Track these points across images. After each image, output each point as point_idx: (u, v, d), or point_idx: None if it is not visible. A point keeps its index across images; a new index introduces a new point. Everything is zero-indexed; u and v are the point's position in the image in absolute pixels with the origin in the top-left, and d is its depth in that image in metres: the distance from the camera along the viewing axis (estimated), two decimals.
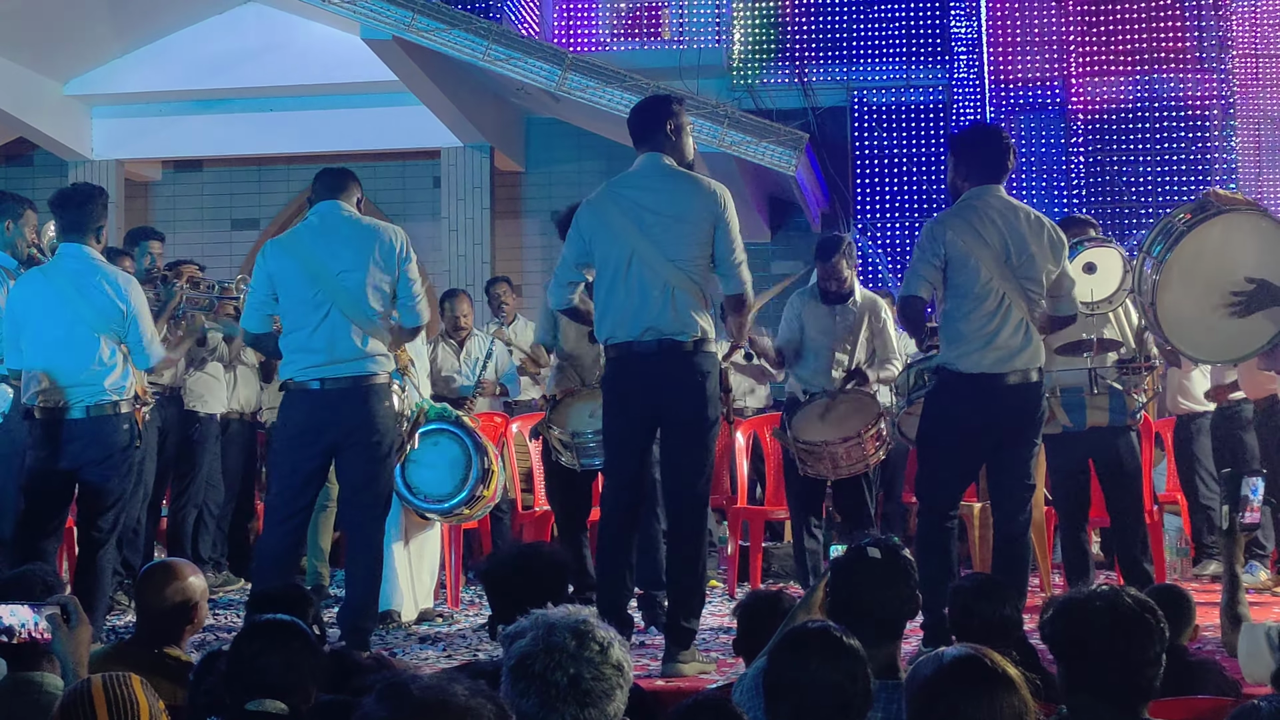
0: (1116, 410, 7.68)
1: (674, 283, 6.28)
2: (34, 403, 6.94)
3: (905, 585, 4.27)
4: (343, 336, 6.46)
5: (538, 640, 3.05)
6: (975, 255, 6.41)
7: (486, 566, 5.01)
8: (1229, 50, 14.65)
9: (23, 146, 15.08)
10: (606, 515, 6.60)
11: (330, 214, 6.61)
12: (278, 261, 6.61)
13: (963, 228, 6.48)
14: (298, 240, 6.62)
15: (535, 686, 3.00)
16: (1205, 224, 6.67)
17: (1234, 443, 9.36)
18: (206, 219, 15.24)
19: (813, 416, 8.13)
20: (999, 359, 6.44)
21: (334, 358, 6.47)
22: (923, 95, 14.78)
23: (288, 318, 6.61)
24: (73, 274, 6.96)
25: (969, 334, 6.45)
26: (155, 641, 4.78)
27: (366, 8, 12.30)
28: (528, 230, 14.97)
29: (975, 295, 6.43)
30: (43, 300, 6.95)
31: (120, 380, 6.97)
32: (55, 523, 7.09)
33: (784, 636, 3.71)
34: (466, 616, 8.32)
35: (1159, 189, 14.54)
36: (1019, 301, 6.44)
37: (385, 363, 6.57)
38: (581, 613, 3.15)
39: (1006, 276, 6.42)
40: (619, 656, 3.07)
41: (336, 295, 6.46)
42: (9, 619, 3.85)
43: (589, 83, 12.55)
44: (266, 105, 14.05)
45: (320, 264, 6.49)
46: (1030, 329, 6.49)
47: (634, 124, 6.62)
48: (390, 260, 6.55)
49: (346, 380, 6.48)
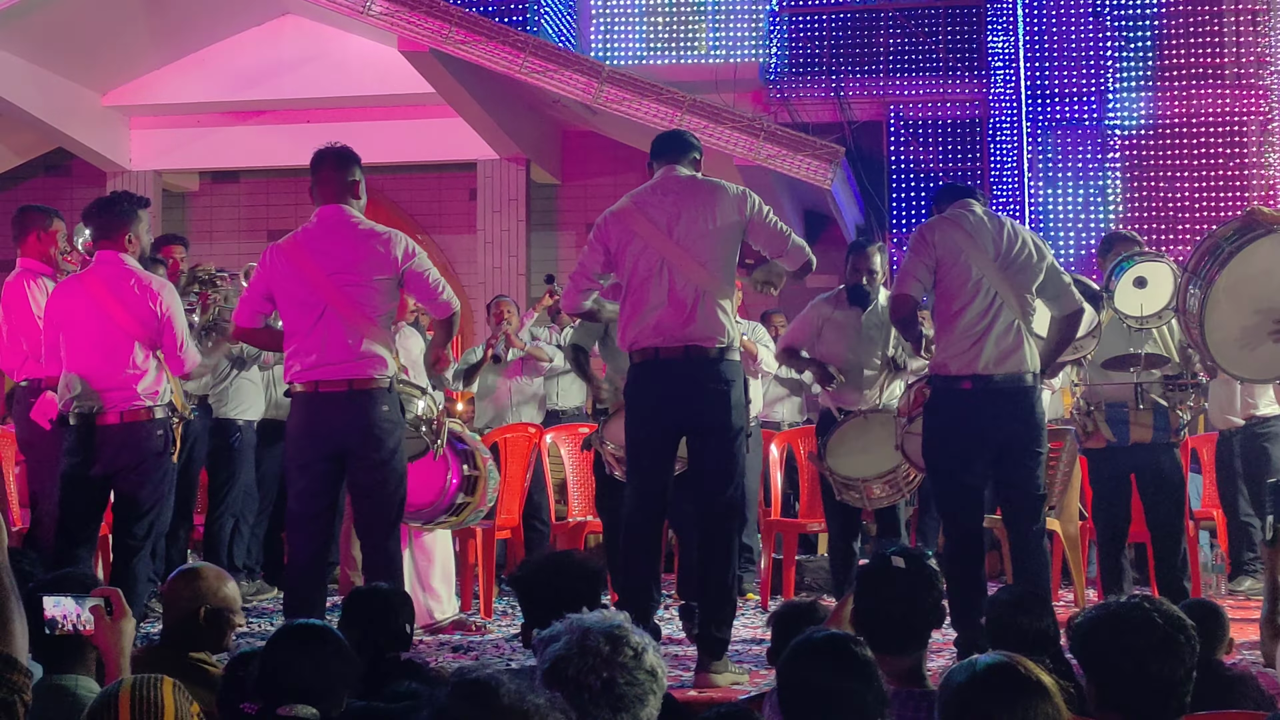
0: (1161, 427, 7.63)
1: (705, 287, 6.30)
2: (69, 409, 6.96)
3: (930, 594, 4.26)
4: (336, 339, 6.40)
5: (572, 644, 3.04)
6: (965, 253, 6.50)
7: (519, 574, 5.01)
8: (1267, 66, 14.59)
9: (61, 157, 15.19)
10: (631, 524, 6.56)
11: (330, 217, 6.60)
12: (275, 265, 6.62)
13: (951, 228, 6.60)
14: (295, 244, 6.62)
15: (568, 690, 2.99)
16: (1253, 244, 6.63)
17: (1260, 455, 9.37)
18: (243, 230, 15.30)
19: (848, 442, 8.05)
20: (990, 359, 6.45)
21: (326, 360, 6.43)
22: (959, 109, 14.76)
23: (286, 321, 6.59)
24: (108, 279, 6.97)
25: (960, 332, 6.49)
26: (182, 646, 4.77)
27: (404, 20, 12.34)
28: (563, 243, 14.98)
29: (967, 292, 6.49)
30: (79, 306, 6.97)
31: (154, 386, 6.98)
32: (90, 529, 7.10)
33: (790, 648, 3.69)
34: (499, 626, 8.31)
35: (1196, 205, 14.49)
36: (1011, 302, 6.48)
37: (383, 366, 6.49)
38: (616, 618, 3.14)
39: (997, 274, 6.49)
40: (652, 662, 3.06)
41: (330, 297, 6.43)
42: (53, 610, 3.86)
43: (625, 95, 12.57)
44: (303, 117, 14.11)
45: (314, 266, 6.48)
46: (1023, 331, 6.50)
47: (654, 148, 6.76)
48: (387, 263, 6.50)
49: (341, 383, 6.41)
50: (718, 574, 6.39)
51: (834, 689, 3.46)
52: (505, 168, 14.21)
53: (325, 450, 6.46)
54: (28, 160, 15.44)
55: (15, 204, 15.04)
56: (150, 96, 14.27)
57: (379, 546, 6.55)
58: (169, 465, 7.15)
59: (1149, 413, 7.60)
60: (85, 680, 4.04)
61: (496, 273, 14.12)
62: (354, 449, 6.45)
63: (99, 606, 3.92)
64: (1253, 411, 9.49)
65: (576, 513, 9.45)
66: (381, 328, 6.48)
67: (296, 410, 6.56)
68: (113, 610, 3.94)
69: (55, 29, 12.86)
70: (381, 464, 6.48)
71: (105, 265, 7.02)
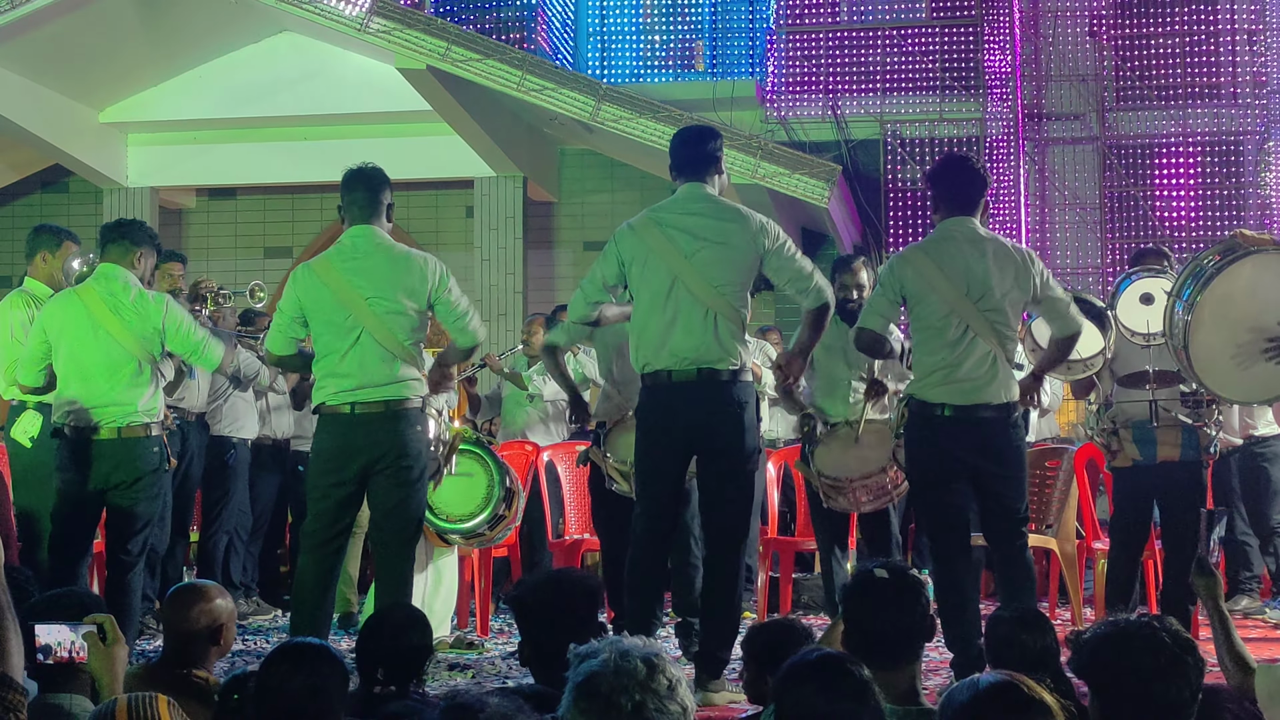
0: (1189, 445, 7.59)
1: (716, 309, 6.30)
2: (64, 422, 6.95)
3: (916, 605, 4.25)
4: (373, 361, 6.43)
5: (609, 663, 3.03)
6: (934, 289, 6.44)
7: (517, 592, 4.99)
8: (1263, 85, 14.62)
9: (58, 173, 15.20)
10: (638, 544, 6.57)
11: (363, 239, 6.59)
12: (308, 286, 6.59)
13: (922, 262, 6.51)
14: (329, 265, 6.60)
15: (598, 706, 2.98)
16: (1234, 265, 6.63)
17: (1258, 475, 9.37)
18: (240, 246, 15.31)
19: (835, 448, 8.05)
20: (964, 391, 6.42)
21: (364, 382, 6.44)
22: (956, 128, 14.78)
23: (319, 343, 6.58)
24: (106, 294, 6.97)
25: (932, 365, 6.48)
26: (182, 663, 4.76)
27: (401, 37, 12.36)
28: (560, 260, 14.99)
29: (936, 328, 6.45)
30: (76, 320, 6.96)
31: (151, 402, 6.98)
32: (84, 544, 7.09)
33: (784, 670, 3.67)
34: (496, 644, 8.29)
35: (1193, 224, 14.50)
36: (985, 334, 6.42)
37: (417, 387, 6.53)
38: (656, 646, 3.14)
39: (969, 309, 6.42)
40: (684, 697, 3.05)
41: (367, 320, 6.44)
42: (46, 638, 3.85)
43: (623, 114, 12.58)
44: (300, 134, 14.10)
45: (351, 289, 6.47)
46: (999, 361, 6.45)
47: (677, 152, 6.66)
48: (421, 288, 6.51)
49: (378, 404, 6.44)
50: (723, 594, 6.39)
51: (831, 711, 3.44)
52: (502, 185, 14.21)
53: (354, 470, 6.47)
54: (25, 176, 15.45)
55: (12, 221, 15.18)
56: (147, 113, 14.27)
57: (395, 566, 6.55)
58: (164, 481, 7.14)
59: (1177, 430, 7.55)
60: (79, 699, 4.02)
61: (493, 290, 14.11)
62: (385, 468, 6.46)
63: (93, 633, 3.90)
64: (1251, 431, 9.49)
65: (573, 530, 9.44)
66: (414, 350, 6.51)
67: (329, 430, 6.54)
68: (106, 636, 3.93)
69: (53, 46, 12.87)
70: (410, 483, 6.50)
71: (106, 279, 7.02)
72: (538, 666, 4.58)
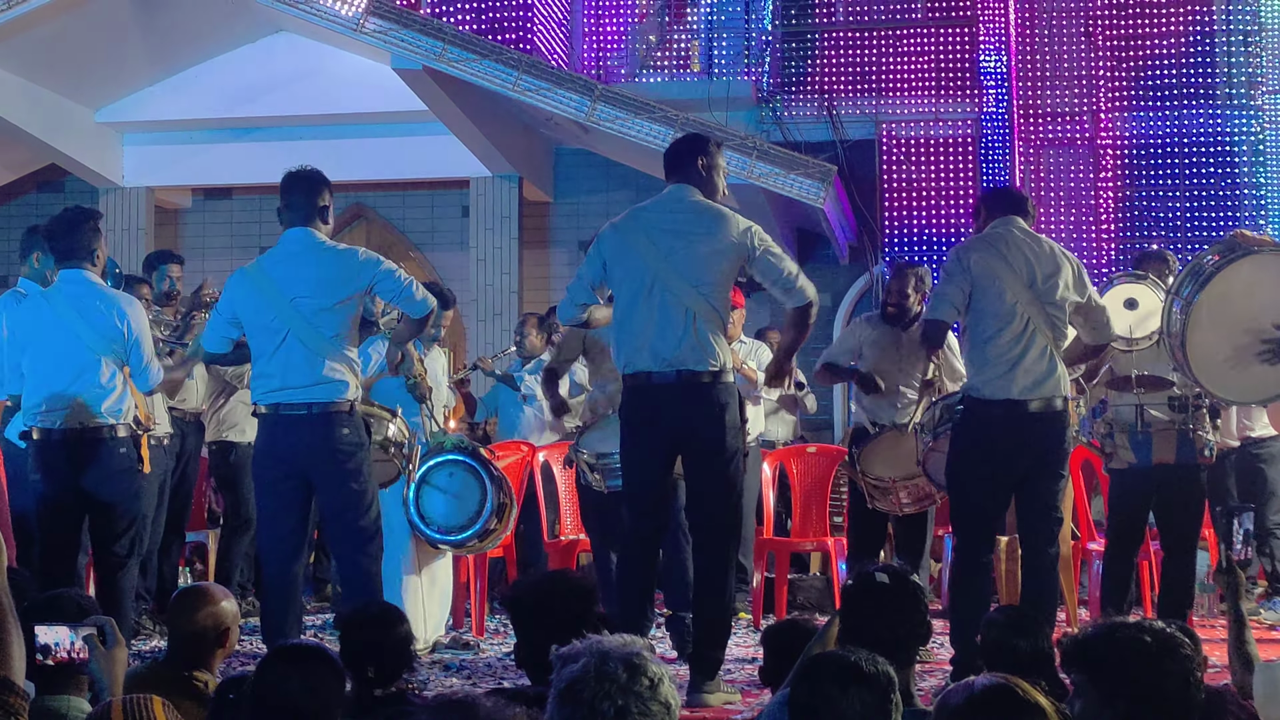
0: (1185, 448, 7.60)
1: (695, 309, 6.30)
2: (33, 424, 6.98)
3: (915, 610, 4.28)
4: (297, 362, 6.46)
5: (589, 667, 3.03)
6: (1000, 278, 6.49)
7: (512, 594, 5.01)
8: (1259, 86, 14.62)
9: (54, 173, 15.18)
10: (627, 544, 6.60)
11: (295, 241, 6.65)
12: (241, 288, 6.67)
13: (988, 251, 6.60)
14: (260, 268, 6.67)
15: (581, 713, 2.98)
16: (1233, 265, 6.66)
17: (1255, 476, 9.39)
18: (236, 246, 15.28)
19: (883, 449, 8.08)
20: (1024, 385, 6.47)
21: (287, 383, 6.48)
22: (951, 129, 14.76)
23: (252, 344, 6.67)
24: (72, 297, 7.00)
25: (994, 358, 6.50)
26: (186, 664, 4.77)
27: (397, 37, 12.35)
28: (555, 260, 14.99)
29: (1001, 318, 6.49)
30: (43, 324, 6.99)
31: (117, 404, 7.01)
32: (73, 545, 7.09)
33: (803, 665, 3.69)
34: (491, 645, 8.30)
35: (1188, 225, 14.50)
36: (1043, 327, 6.49)
37: (345, 389, 6.51)
38: (636, 644, 3.13)
39: (1031, 301, 6.48)
40: (668, 694, 3.05)
41: (292, 321, 6.46)
42: (46, 638, 3.86)
43: (618, 114, 12.58)
44: (297, 134, 14.08)
45: (277, 290, 6.51)
46: (1054, 356, 6.52)
47: (668, 156, 6.73)
48: (358, 276, 6.53)
49: (301, 406, 6.47)
50: (714, 594, 6.40)
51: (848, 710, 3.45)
52: (498, 185, 14.21)
53: (288, 470, 6.53)
54: (21, 176, 15.42)
55: (7, 220, 15.17)
56: (143, 113, 14.26)
57: (351, 561, 6.60)
58: (140, 480, 7.16)
59: (1172, 433, 7.59)
60: (77, 701, 4.03)
61: (489, 290, 14.11)
62: (317, 471, 6.50)
63: (93, 635, 3.91)
64: (1248, 433, 9.51)
65: (568, 531, 9.45)
66: (343, 349, 6.51)
67: (261, 432, 6.67)
68: (106, 639, 3.94)
69: (48, 46, 12.85)
70: (344, 484, 6.52)
71: (70, 284, 7.04)
72: (533, 668, 4.59)
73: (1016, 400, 6.48)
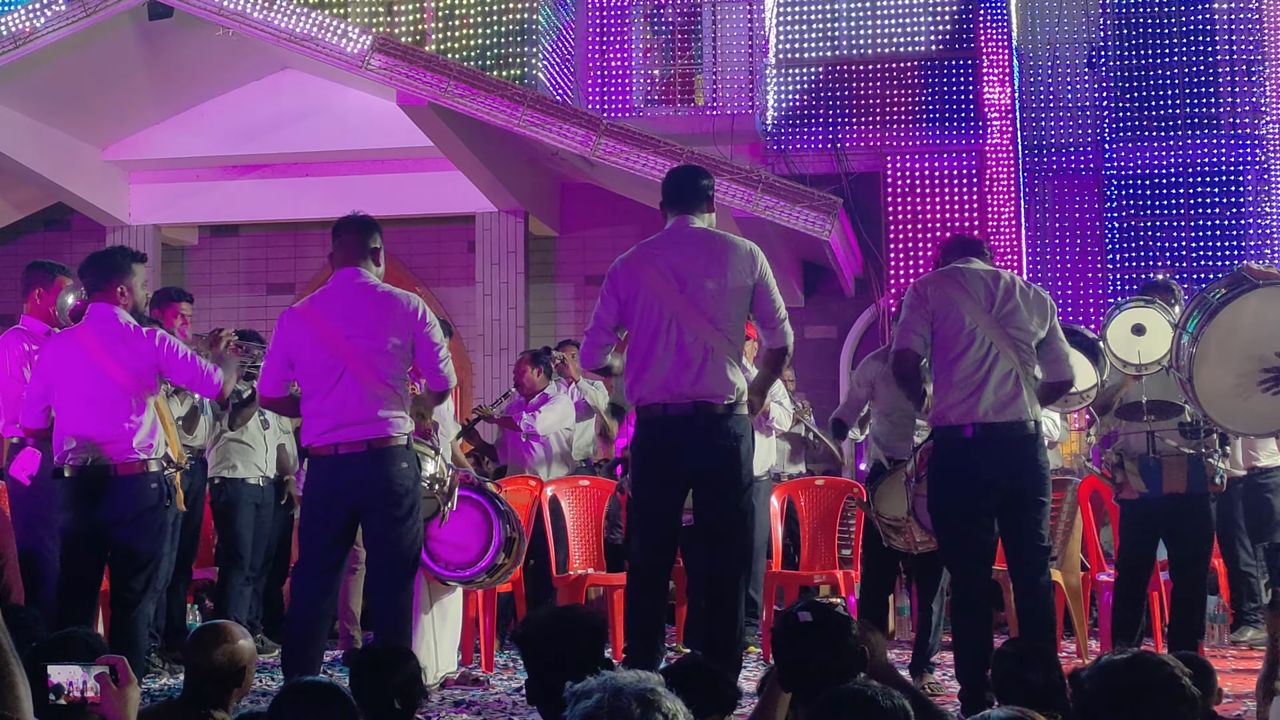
0: (1196, 476, 7.60)
1: (713, 344, 6.31)
2: (64, 462, 6.96)
3: (843, 641, 4.28)
4: (355, 400, 6.46)
5: (603, 703, 3.02)
6: (958, 303, 6.52)
7: (523, 630, 4.99)
8: (1263, 115, 14.66)
9: (61, 211, 15.21)
10: (637, 578, 6.58)
11: (346, 281, 6.65)
12: (292, 329, 6.66)
13: (942, 281, 6.66)
14: (312, 307, 6.67)
15: None
16: (1240, 298, 6.67)
17: (1261, 505, 9.38)
18: (243, 283, 15.32)
19: (896, 487, 8.04)
20: (989, 406, 6.45)
21: (346, 421, 6.48)
22: (956, 160, 14.80)
23: (304, 384, 6.63)
24: (100, 333, 6.99)
25: (957, 382, 6.51)
26: (202, 703, 4.77)
27: (402, 74, 12.39)
28: (561, 295, 15.00)
29: (961, 342, 6.50)
30: (71, 360, 6.98)
31: (148, 439, 6.98)
32: (93, 584, 7.08)
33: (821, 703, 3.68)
34: (501, 680, 8.29)
35: (1193, 255, 14.52)
36: (1007, 351, 6.48)
37: (401, 424, 6.54)
38: (650, 680, 3.12)
39: (992, 325, 6.49)
40: None
41: (348, 360, 6.48)
42: (58, 677, 3.86)
43: (623, 148, 12.60)
44: (302, 171, 14.14)
45: (331, 329, 6.52)
46: (1021, 380, 6.50)
47: (667, 188, 6.71)
48: (403, 326, 6.55)
49: (360, 444, 6.46)
50: (724, 627, 6.39)
51: None
52: (504, 220, 14.23)
53: (342, 509, 6.52)
54: (28, 215, 15.46)
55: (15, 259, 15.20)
56: (149, 151, 14.31)
57: (391, 601, 6.57)
58: (165, 518, 7.14)
59: (1182, 461, 7.58)
60: None
61: (495, 325, 14.12)
62: (374, 506, 6.49)
63: (105, 674, 3.91)
64: (1255, 462, 9.50)
65: (578, 565, 9.43)
66: (397, 389, 6.53)
67: (315, 471, 6.61)
68: (118, 678, 3.93)
69: (55, 85, 12.91)
70: (400, 520, 6.52)
71: (98, 319, 7.03)
72: (545, 704, 4.58)
73: (983, 422, 6.46)
